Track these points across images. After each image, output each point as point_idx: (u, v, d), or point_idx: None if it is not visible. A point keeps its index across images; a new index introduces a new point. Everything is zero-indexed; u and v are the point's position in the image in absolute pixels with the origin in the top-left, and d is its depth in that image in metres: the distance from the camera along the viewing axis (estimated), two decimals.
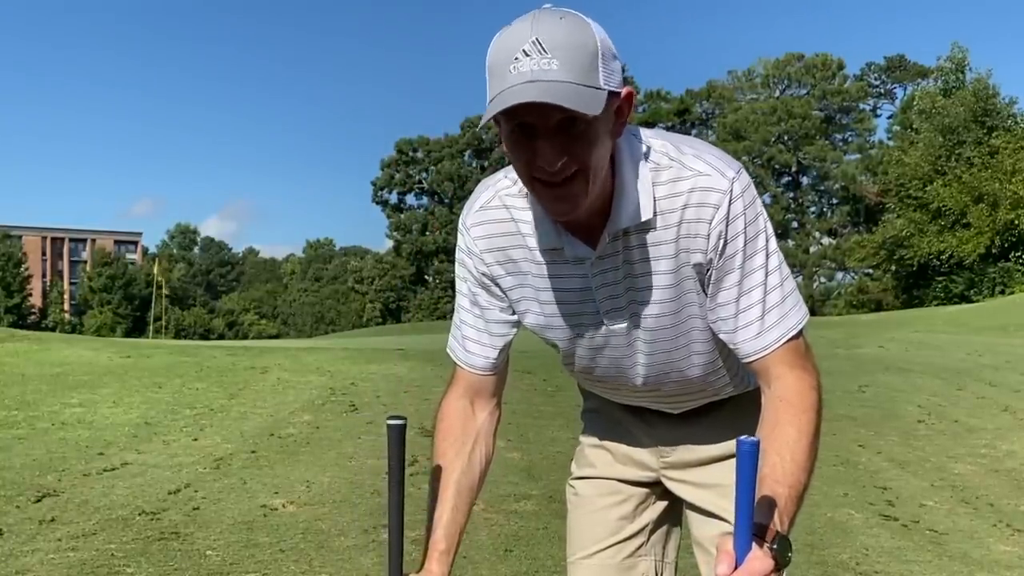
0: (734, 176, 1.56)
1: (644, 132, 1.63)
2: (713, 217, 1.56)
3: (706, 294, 1.64)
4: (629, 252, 1.62)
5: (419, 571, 1.63)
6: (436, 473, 1.72)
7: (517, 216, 1.67)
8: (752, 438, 1.21)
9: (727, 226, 1.56)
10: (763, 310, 1.59)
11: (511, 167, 1.68)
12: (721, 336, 1.65)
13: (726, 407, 1.90)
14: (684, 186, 1.56)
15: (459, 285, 1.79)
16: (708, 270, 1.60)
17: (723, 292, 1.61)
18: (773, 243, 1.61)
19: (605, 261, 1.63)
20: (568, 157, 1.43)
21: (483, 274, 1.73)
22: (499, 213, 1.68)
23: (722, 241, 1.56)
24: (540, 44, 1.38)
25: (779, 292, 1.60)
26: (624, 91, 1.47)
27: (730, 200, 1.55)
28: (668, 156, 1.58)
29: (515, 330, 1.79)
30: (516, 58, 1.39)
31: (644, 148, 1.59)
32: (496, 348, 1.78)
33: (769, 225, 1.61)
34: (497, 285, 1.74)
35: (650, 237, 1.60)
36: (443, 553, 1.65)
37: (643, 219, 1.57)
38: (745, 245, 1.57)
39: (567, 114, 1.38)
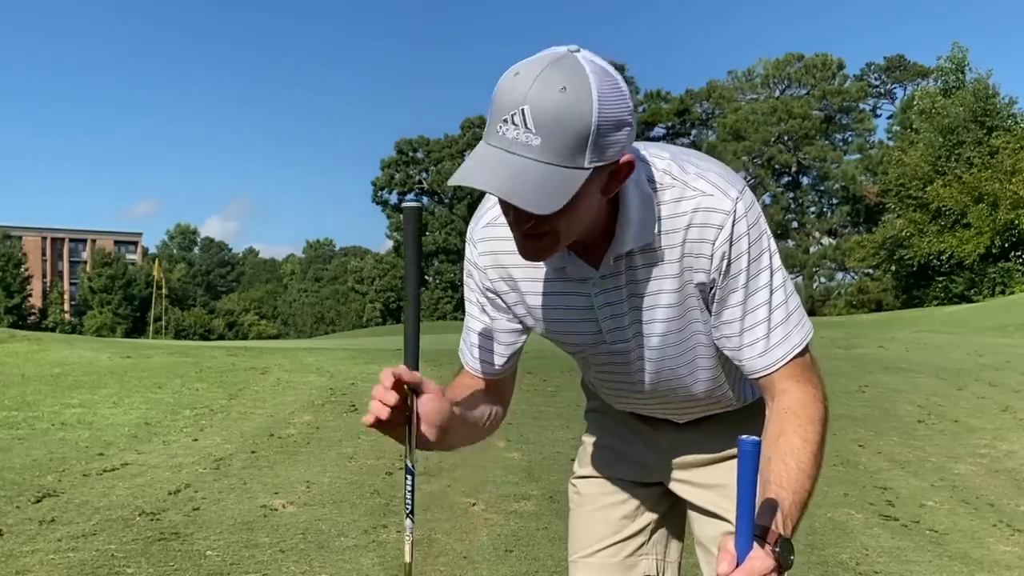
0: (737, 196, 1.54)
1: (645, 149, 1.59)
2: (717, 238, 1.54)
3: (710, 312, 1.63)
4: (632, 272, 1.61)
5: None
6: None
7: None
8: (753, 437, 1.20)
9: (731, 246, 1.54)
10: (768, 328, 1.58)
11: None
12: (726, 353, 1.65)
13: (730, 412, 1.89)
14: (687, 206, 1.55)
15: (467, 294, 1.79)
16: (712, 289, 1.59)
17: (728, 311, 1.60)
18: (777, 260, 1.59)
19: (608, 281, 1.62)
20: (536, 222, 1.42)
21: (487, 288, 1.74)
22: (504, 231, 1.65)
23: (726, 261, 1.55)
24: (526, 116, 1.33)
25: (784, 309, 1.59)
26: (623, 159, 1.43)
27: (734, 220, 1.53)
28: (671, 175, 1.56)
29: (524, 337, 1.78)
30: (505, 120, 1.35)
31: (646, 167, 1.56)
32: (504, 356, 1.78)
33: (772, 242, 1.59)
34: (501, 299, 1.74)
35: (653, 257, 1.58)
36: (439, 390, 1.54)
37: (646, 240, 1.56)
38: (749, 264, 1.56)
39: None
